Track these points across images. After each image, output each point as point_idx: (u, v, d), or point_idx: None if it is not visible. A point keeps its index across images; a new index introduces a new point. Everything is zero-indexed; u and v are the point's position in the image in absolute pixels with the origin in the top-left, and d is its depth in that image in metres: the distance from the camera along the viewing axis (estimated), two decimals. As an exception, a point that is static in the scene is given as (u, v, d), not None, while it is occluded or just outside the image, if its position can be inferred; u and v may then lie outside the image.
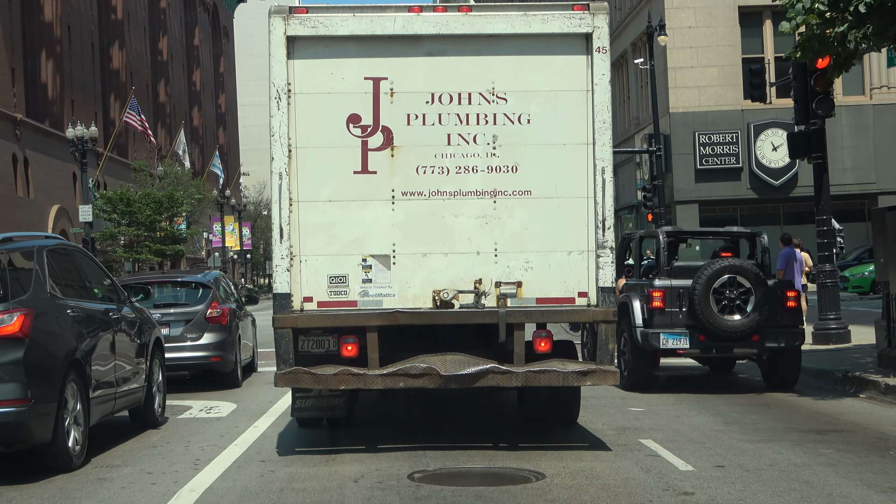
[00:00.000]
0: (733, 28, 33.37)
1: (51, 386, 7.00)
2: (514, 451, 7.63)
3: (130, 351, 8.79)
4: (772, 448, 7.71)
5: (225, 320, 12.41)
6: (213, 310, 12.33)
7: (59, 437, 7.04)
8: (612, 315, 7.43)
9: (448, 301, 7.41)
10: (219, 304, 12.49)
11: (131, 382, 8.71)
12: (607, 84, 7.47)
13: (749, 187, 33.16)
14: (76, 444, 7.31)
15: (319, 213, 7.43)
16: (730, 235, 12.81)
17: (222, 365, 12.30)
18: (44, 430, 6.90)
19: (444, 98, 7.46)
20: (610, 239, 7.47)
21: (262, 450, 7.97)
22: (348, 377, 7.33)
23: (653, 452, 7.56)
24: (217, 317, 12.31)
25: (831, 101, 14.73)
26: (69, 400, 7.24)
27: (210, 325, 12.30)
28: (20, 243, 7.65)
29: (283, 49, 7.39)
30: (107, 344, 8.19)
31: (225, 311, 12.45)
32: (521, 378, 7.36)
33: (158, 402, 9.48)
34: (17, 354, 6.77)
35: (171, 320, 12.30)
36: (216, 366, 12.28)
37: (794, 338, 11.20)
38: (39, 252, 7.65)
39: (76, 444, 7.30)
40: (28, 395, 6.76)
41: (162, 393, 9.65)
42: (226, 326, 12.38)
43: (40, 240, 8.05)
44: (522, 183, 7.49)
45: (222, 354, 12.23)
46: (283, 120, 7.37)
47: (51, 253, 7.82)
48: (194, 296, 12.83)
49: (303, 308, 7.41)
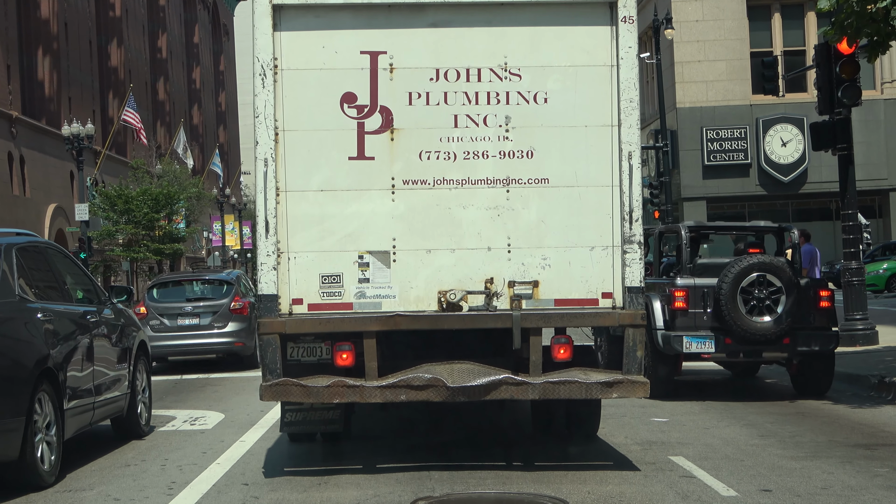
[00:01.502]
0: (741, 21, 32.78)
1: (17, 398, 6.40)
2: (531, 472, 6.79)
3: (111, 356, 8.19)
4: (820, 467, 6.87)
5: (246, 311, 14.84)
6: (236, 303, 14.86)
7: (28, 452, 6.45)
8: (640, 319, 6.59)
9: (455, 303, 6.56)
10: (240, 298, 15.03)
11: (112, 390, 8.12)
12: (634, 58, 6.63)
13: (758, 183, 32.57)
14: (47, 460, 6.73)
15: (310, 204, 6.60)
16: (756, 230, 11.97)
17: (244, 349, 14.74)
18: (10, 446, 6.31)
19: (450, 74, 6.63)
20: (638, 233, 6.63)
21: (248, 470, 7.14)
22: (343, 390, 6.50)
23: (687, 473, 6.72)
24: (239, 309, 14.82)
25: (858, 89, 13.90)
26: (39, 412, 6.67)
27: (233, 315, 14.81)
28: None
29: (268, 19, 6.56)
30: (84, 350, 7.56)
31: (246, 304, 14.93)
32: (539, 390, 6.53)
33: (143, 411, 8.90)
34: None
35: (200, 312, 14.95)
36: (239, 350, 14.76)
37: (828, 341, 10.37)
38: (8, 251, 7.01)
39: (47, 460, 6.73)
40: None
41: (148, 400, 9.09)
42: (246, 317, 14.76)
43: (10, 237, 7.42)
44: (539, 170, 6.65)
45: (244, 340, 14.67)
46: (268, 99, 6.54)
47: (21, 251, 7.22)
48: (219, 291, 15.30)
49: (291, 311, 6.58)
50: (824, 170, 30.69)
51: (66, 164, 41.54)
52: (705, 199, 32.64)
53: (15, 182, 38.68)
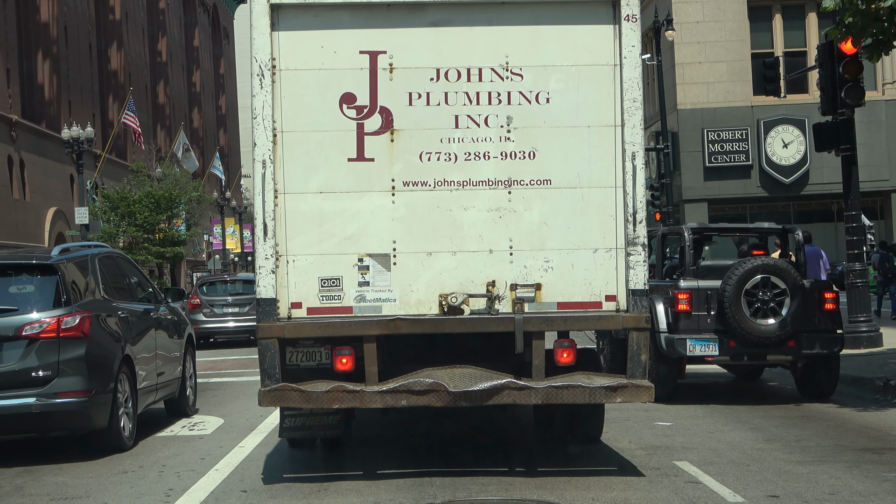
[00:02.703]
0: (742, 23, 32.75)
1: (107, 379, 8.00)
2: (533, 478, 6.68)
3: (169, 346, 9.69)
4: (827, 472, 6.76)
5: None
6: None
7: (114, 423, 8.07)
8: (644, 322, 6.48)
9: (457, 306, 6.46)
10: None
11: (169, 375, 9.61)
12: (638, 57, 6.54)
13: (759, 185, 32.53)
14: (127, 428, 8.30)
15: (309, 206, 6.49)
16: (760, 232, 11.86)
17: None
18: (101, 417, 7.93)
19: (450, 74, 6.53)
20: (642, 234, 6.52)
21: (246, 476, 7.03)
22: (343, 395, 6.39)
23: (692, 478, 6.62)
24: None
25: (861, 89, 13.82)
26: (121, 391, 8.22)
27: None
28: (75, 253, 8.79)
29: (266, 19, 6.46)
30: (150, 341, 9.14)
31: None
32: (542, 395, 6.42)
33: (191, 394, 10.39)
34: (79, 352, 7.78)
35: (239, 303, 20.32)
36: None
37: (833, 343, 10.26)
38: (92, 260, 8.73)
39: (127, 429, 8.30)
40: (89, 387, 7.79)
41: (194, 385, 10.59)
42: None
43: (91, 249, 9.34)
44: (541, 171, 6.55)
45: None
46: (266, 100, 6.44)
47: (101, 260, 8.91)
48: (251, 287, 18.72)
49: (290, 315, 6.47)
50: (826, 171, 30.62)
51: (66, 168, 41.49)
52: (706, 201, 32.59)
53: (15, 186, 38.62)
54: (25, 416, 7.66)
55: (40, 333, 7.69)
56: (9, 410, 7.62)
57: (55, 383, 7.67)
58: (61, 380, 7.69)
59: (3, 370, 7.62)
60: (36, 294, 7.99)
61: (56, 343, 7.70)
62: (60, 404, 7.68)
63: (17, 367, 7.65)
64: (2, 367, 7.64)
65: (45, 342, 7.69)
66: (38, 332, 7.70)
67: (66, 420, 7.84)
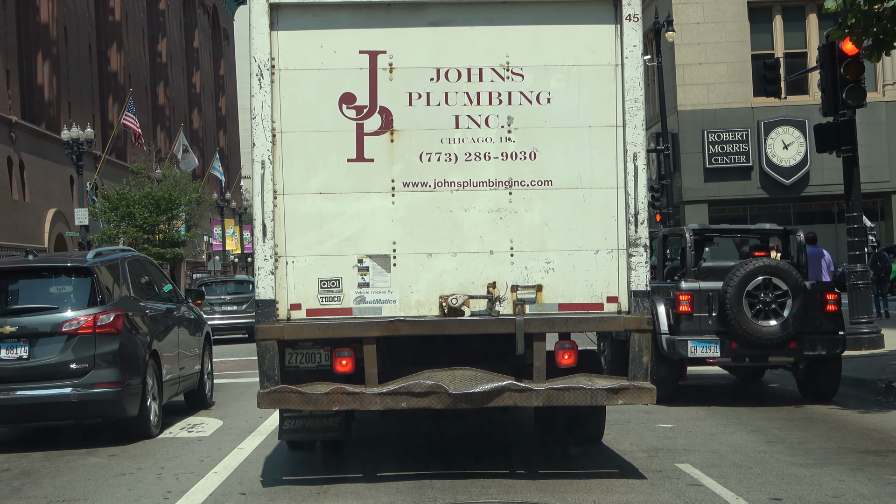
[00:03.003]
0: (742, 24, 32.71)
1: (137, 371, 8.74)
2: (535, 480, 6.64)
3: (189, 344, 10.39)
4: (830, 474, 6.72)
5: None
6: None
7: (143, 411, 8.81)
8: (646, 323, 6.44)
9: (457, 308, 6.41)
10: None
11: (189, 369, 10.36)
12: (639, 57, 6.49)
13: (759, 186, 32.48)
14: (154, 417, 9.06)
15: (308, 207, 6.45)
16: (761, 233, 11.81)
17: None
18: (132, 406, 8.69)
19: (451, 74, 6.49)
20: (644, 235, 6.48)
21: (245, 479, 6.99)
22: (342, 397, 6.35)
23: (694, 481, 6.57)
24: None
25: (863, 90, 13.77)
26: (149, 382, 8.94)
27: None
28: (107, 256, 9.46)
29: (265, 18, 6.42)
30: (173, 338, 9.87)
31: None
32: (543, 397, 6.38)
33: (209, 387, 11.11)
34: (113, 347, 8.53)
35: (236, 301, 22.34)
36: None
37: (835, 345, 10.21)
38: (122, 263, 9.46)
39: (154, 417, 9.06)
40: (122, 378, 8.53)
41: (211, 379, 11.31)
42: None
43: (120, 252, 10.00)
44: (542, 171, 6.51)
45: None
46: (265, 100, 6.39)
47: (129, 263, 9.64)
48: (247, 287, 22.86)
49: (290, 317, 6.42)
50: (826, 172, 30.59)
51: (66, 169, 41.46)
52: (707, 203, 32.53)
53: (14, 187, 38.58)
54: (64, 404, 8.41)
55: (78, 330, 8.46)
56: (49, 399, 8.38)
57: (91, 375, 8.42)
58: (97, 372, 8.44)
59: (44, 363, 8.41)
60: (73, 294, 8.78)
61: (92, 338, 8.45)
62: (96, 394, 8.42)
63: (56, 359, 8.41)
64: (43, 360, 8.41)
65: (82, 338, 8.44)
66: (76, 328, 8.47)
67: (101, 408, 8.58)
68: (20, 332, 8.43)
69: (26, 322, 8.48)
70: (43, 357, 8.40)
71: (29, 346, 8.41)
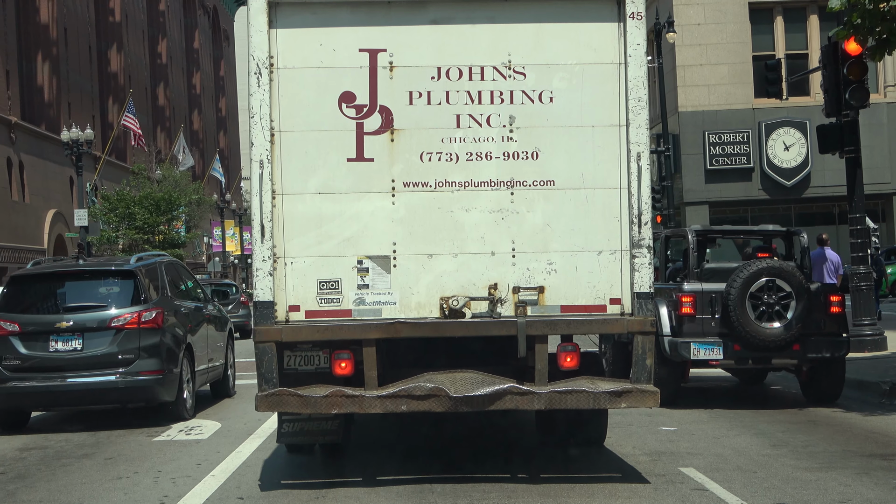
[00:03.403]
0: (743, 25, 32.61)
1: (174, 362, 9.86)
2: (536, 485, 6.55)
3: (215, 339, 11.43)
4: (836, 479, 6.63)
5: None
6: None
7: (179, 397, 9.95)
8: (649, 325, 6.35)
9: (458, 309, 6.33)
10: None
11: (216, 361, 11.42)
12: (643, 56, 6.40)
13: (760, 188, 32.38)
14: (189, 402, 10.21)
15: (307, 207, 6.36)
16: (765, 234, 11.72)
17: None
18: (170, 392, 9.82)
19: (452, 73, 6.40)
20: (647, 236, 6.39)
21: (243, 482, 6.90)
22: (342, 400, 6.26)
23: (698, 486, 6.48)
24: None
25: (866, 91, 13.69)
26: (184, 372, 10.06)
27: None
28: (147, 261, 10.58)
29: (264, 16, 6.33)
30: (203, 333, 10.97)
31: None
32: (545, 400, 6.29)
33: (231, 378, 12.14)
34: (155, 340, 9.65)
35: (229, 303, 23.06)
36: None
37: (839, 347, 10.12)
38: (159, 266, 10.60)
39: (188, 402, 10.21)
40: (162, 367, 9.65)
41: (233, 371, 12.32)
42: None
43: (157, 257, 11.10)
44: (544, 171, 6.42)
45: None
46: (264, 99, 6.31)
47: (165, 266, 10.75)
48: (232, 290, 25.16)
49: (288, 319, 6.34)
50: (827, 174, 30.52)
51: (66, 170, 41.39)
52: (707, 204, 32.44)
53: (14, 188, 38.52)
54: (112, 390, 9.56)
55: (125, 325, 9.60)
56: (99, 385, 9.51)
57: (136, 364, 9.53)
58: (140, 362, 9.54)
59: (95, 353, 9.52)
60: (120, 294, 9.89)
61: (137, 333, 9.58)
62: (140, 381, 9.53)
63: (106, 351, 9.55)
64: (94, 351, 9.53)
65: (128, 332, 9.58)
66: (123, 323, 9.60)
67: (143, 394, 9.69)
68: (74, 327, 9.55)
69: (80, 318, 9.60)
70: (94, 349, 9.54)
71: (82, 340, 9.52)
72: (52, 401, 9.83)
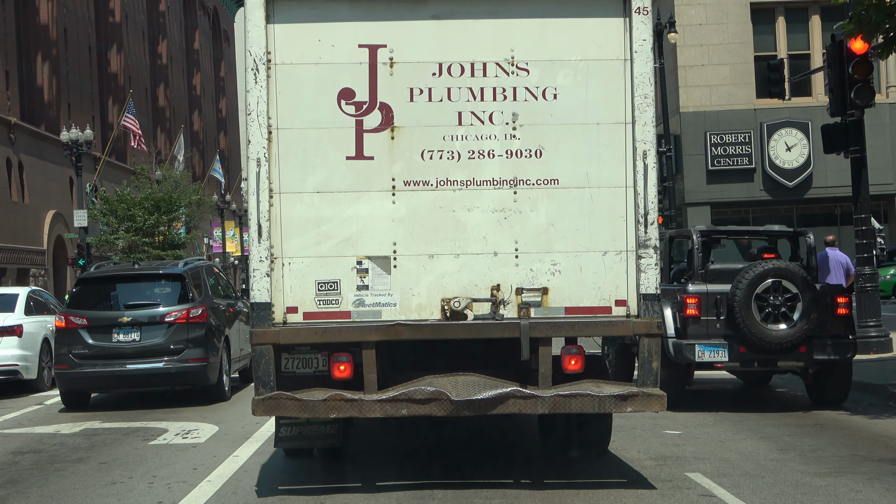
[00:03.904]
0: (745, 25, 32.48)
1: (217, 351, 11.59)
2: (540, 491, 6.40)
3: (245, 331, 12.05)
4: (846, 484, 6.48)
5: None
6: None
7: (220, 381, 11.66)
8: (656, 328, 6.20)
9: (460, 311, 6.18)
10: None
11: (245, 352, 12.59)
12: (649, 51, 6.26)
13: (762, 188, 32.24)
14: (227, 386, 11.93)
15: (305, 206, 6.21)
16: (770, 235, 11.58)
17: None
18: (213, 376, 11.48)
19: (453, 69, 6.25)
20: (654, 236, 6.24)
21: (240, 488, 6.75)
22: (340, 404, 6.11)
23: (706, 491, 6.33)
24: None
25: (871, 90, 13.57)
26: (224, 359, 11.78)
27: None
28: (191, 265, 12.28)
29: (261, 11, 6.19)
30: (237, 326, 12.57)
31: None
32: (549, 404, 6.14)
33: None
34: (201, 332, 11.36)
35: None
36: None
37: (846, 349, 9.97)
38: (202, 269, 12.44)
39: (227, 386, 11.93)
40: (206, 356, 11.36)
41: None
42: None
43: (198, 261, 13.01)
44: (548, 170, 6.27)
45: None
46: (261, 95, 6.16)
47: (205, 269, 12.64)
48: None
49: (286, 320, 6.19)
50: (829, 175, 30.40)
51: (66, 171, 41.28)
52: (709, 205, 32.32)
53: (14, 188, 38.40)
54: (165, 374, 11.31)
55: (175, 320, 11.31)
56: (154, 371, 11.26)
57: (185, 353, 11.24)
58: (189, 351, 11.22)
59: (151, 344, 11.27)
60: (171, 293, 11.63)
61: (186, 326, 11.27)
62: (188, 367, 11.22)
63: (160, 342, 11.28)
64: (150, 342, 11.27)
65: (178, 326, 11.29)
66: (174, 319, 11.32)
67: (191, 378, 11.36)
68: (133, 321, 11.34)
69: (138, 314, 11.40)
70: (150, 340, 11.26)
71: (140, 332, 11.30)
72: (114, 384, 11.63)
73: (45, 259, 40.69)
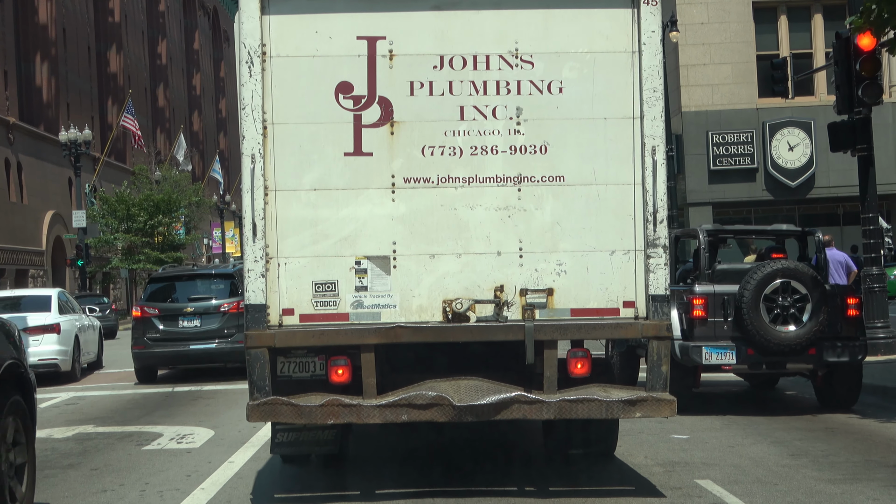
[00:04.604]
0: (747, 24, 32.31)
1: None
2: (545, 499, 6.18)
3: None
4: (862, 492, 6.26)
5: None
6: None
7: None
8: (665, 330, 5.98)
9: (462, 313, 5.96)
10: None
11: None
12: (658, 44, 6.05)
13: (764, 188, 32.06)
14: None
15: (302, 204, 5.99)
16: (777, 234, 11.35)
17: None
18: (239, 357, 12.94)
19: (455, 62, 6.03)
20: (663, 235, 6.02)
21: (234, 496, 6.53)
22: (338, 409, 5.89)
23: (717, 499, 6.11)
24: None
25: (879, 87, 13.36)
26: None
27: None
28: (238, 266, 14.71)
29: (255, 1, 5.98)
30: None
31: None
32: (555, 409, 5.92)
33: None
34: (239, 321, 13.22)
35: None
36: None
37: (856, 351, 9.75)
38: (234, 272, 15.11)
39: None
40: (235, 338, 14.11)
41: None
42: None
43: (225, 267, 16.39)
44: (553, 166, 6.05)
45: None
46: (255, 89, 5.95)
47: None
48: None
49: (282, 323, 5.97)
50: (832, 174, 30.20)
51: (65, 171, 41.12)
52: (711, 205, 32.15)
53: (12, 189, 38.23)
54: (219, 352, 14.51)
55: (228, 310, 14.47)
56: (211, 350, 14.49)
57: (235, 336, 14.06)
58: (238, 335, 13.63)
59: (209, 328, 14.47)
60: (224, 289, 14.86)
61: (236, 315, 14.10)
62: (237, 347, 13.51)
63: (216, 327, 14.47)
64: (208, 328, 14.47)
65: (230, 315, 14.39)
66: (227, 309, 14.50)
67: (238, 356, 12.86)
68: (195, 311, 14.55)
69: (198, 306, 14.62)
70: (208, 326, 14.46)
71: (200, 320, 14.50)
72: (179, 360, 14.67)
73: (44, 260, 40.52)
